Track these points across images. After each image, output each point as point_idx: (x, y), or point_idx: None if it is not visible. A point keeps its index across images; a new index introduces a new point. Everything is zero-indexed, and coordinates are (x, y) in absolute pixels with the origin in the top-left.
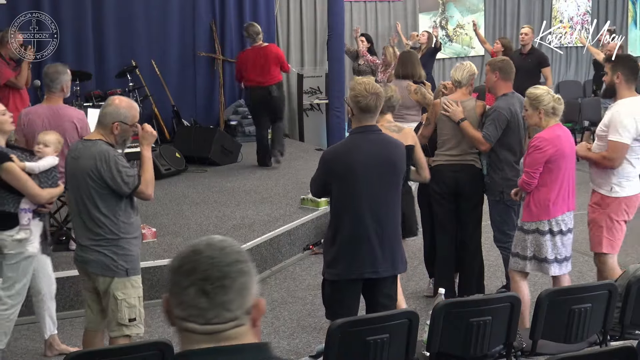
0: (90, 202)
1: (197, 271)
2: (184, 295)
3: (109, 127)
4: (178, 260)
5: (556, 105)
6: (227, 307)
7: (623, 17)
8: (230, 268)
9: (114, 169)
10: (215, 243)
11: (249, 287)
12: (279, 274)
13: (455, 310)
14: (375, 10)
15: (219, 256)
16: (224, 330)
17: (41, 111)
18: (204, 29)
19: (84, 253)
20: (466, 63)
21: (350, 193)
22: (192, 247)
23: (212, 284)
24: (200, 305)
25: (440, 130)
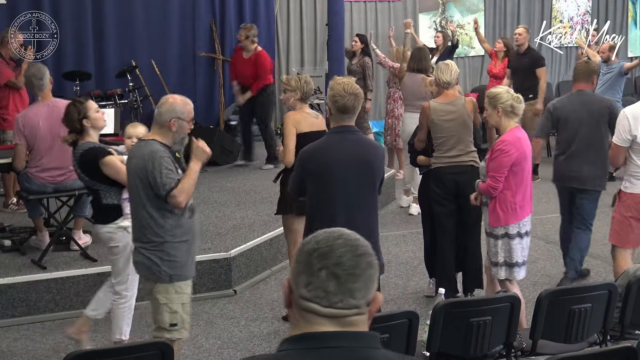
0: (139, 203)
1: (331, 256)
2: (314, 277)
3: (166, 125)
4: (313, 243)
5: (515, 104)
6: (353, 294)
7: (623, 17)
8: (361, 259)
9: (157, 169)
10: (348, 234)
11: (374, 280)
12: (279, 274)
13: (455, 310)
14: (375, 10)
15: (351, 246)
16: (346, 316)
17: (37, 109)
18: (204, 29)
19: (134, 255)
20: (449, 63)
21: (324, 192)
22: (327, 233)
23: (345, 270)
24: (328, 289)
25: (434, 132)
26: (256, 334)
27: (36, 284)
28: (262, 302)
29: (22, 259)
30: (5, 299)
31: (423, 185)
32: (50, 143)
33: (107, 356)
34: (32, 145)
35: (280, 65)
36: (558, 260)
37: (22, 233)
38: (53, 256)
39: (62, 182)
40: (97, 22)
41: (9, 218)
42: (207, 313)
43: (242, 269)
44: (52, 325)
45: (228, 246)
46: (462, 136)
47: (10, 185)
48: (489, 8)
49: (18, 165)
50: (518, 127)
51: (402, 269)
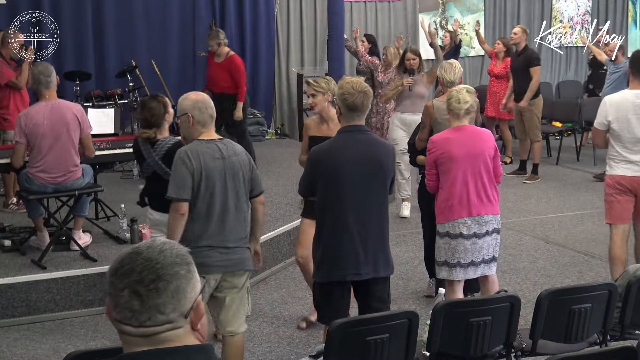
0: (244, 199)
1: (132, 273)
2: (119, 298)
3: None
4: (117, 262)
5: (454, 103)
6: (160, 309)
7: (623, 17)
8: (166, 270)
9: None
10: (155, 246)
11: (185, 290)
12: (279, 274)
13: (455, 310)
14: (375, 10)
15: (156, 258)
16: (159, 333)
17: (40, 109)
18: (204, 29)
19: (234, 255)
20: (453, 62)
21: (335, 192)
22: (133, 248)
23: (146, 286)
24: (134, 308)
25: (437, 131)
26: (256, 334)
27: (36, 284)
28: (262, 302)
29: (22, 259)
30: (5, 299)
31: (423, 185)
32: (51, 143)
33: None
34: (33, 144)
35: (280, 65)
36: (558, 260)
37: (22, 233)
38: (53, 256)
39: (62, 183)
40: (97, 22)
41: (9, 218)
42: (206, 313)
43: None
44: (52, 325)
45: None
46: None
47: (11, 185)
48: (489, 8)
49: (16, 164)
50: (459, 127)
51: (402, 269)
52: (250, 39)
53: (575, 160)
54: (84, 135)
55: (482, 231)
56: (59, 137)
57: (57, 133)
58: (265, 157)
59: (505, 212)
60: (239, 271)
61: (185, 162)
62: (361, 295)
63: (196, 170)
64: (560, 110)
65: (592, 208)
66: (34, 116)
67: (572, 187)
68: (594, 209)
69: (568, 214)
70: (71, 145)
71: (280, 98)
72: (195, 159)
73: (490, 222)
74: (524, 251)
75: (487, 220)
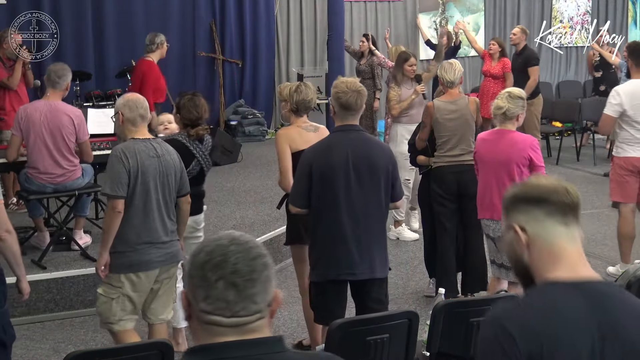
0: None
1: (226, 265)
2: (212, 289)
3: None
4: (205, 254)
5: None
6: (254, 299)
7: (623, 17)
8: (256, 262)
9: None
10: (237, 238)
11: (272, 279)
12: (279, 274)
13: (455, 310)
14: (375, 10)
15: (244, 250)
16: (250, 323)
17: (39, 106)
18: (204, 29)
19: (169, 248)
20: (453, 62)
21: (329, 192)
22: (216, 241)
23: (242, 277)
24: (228, 299)
25: (437, 131)
26: None
27: (36, 284)
28: None
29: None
30: None
31: (423, 185)
32: (45, 143)
33: (107, 356)
34: (27, 141)
35: (280, 65)
36: None
37: (22, 233)
38: (53, 256)
39: (62, 183)
40: (97, 22)
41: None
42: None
43: None
44: (52, 325)
45: None
46: (465, 135)
47: (10, 186)
48: (489, 8)
49: (9, 156)
50: (498, 130)
51: (402, 269)
52: (250, 39)
53: (576, 160)
54: (81, 142)
55: (493, 235)
56: (52, 138)
57: (52, 134)
58: (265, 157)
59: None
60: (176, 263)
61: (122, 159)
62: (358, 296)
63: (132, 167)
64: (560, 110)
65: (592, 208)
66: (31, 113)
67: None
68: (594, 209)
69: None
70: (65, 149)
71: None
72: (132, 157)
73: None
74: None
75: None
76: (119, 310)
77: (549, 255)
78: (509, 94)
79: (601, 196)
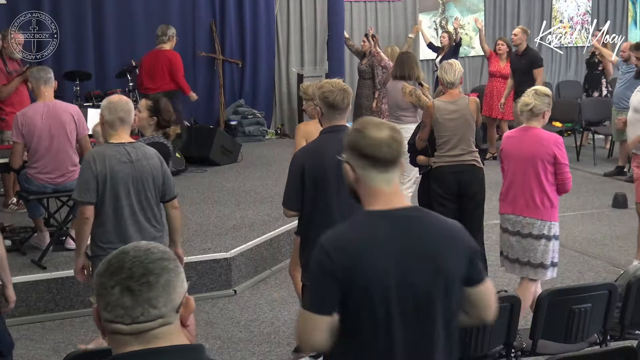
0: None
1: (122, 270)
2: (110, 296)
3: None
4: (104, 264)
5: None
6: (153, 303)
7: (623, 17)
8: (154, 265)
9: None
10: (141, 245)
11: (175, 284)
12: (279, 274)
13: None
14: (375, 10)
15: (142, 255)
16: (151, 329)
17: (38, 108)
18: (204, 29)
19: None
20: (453, 62)
21: (322, 194)
22: (119, 250)
23: (137, 280)
24: (125, 304)
25: (437, 132)
26: (256, 334)
27: (36, 284)
28: (262, 302)
29: (22, 259)
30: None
31: (423, 185)
32: (48, 144)
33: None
34: (29, 144)
35: (280, 65)
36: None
37: (22, 233)
38: (53, 256)
39: (62, 183)
40: (97, 22)
41: (9, 218)
42: (207, 313)
43: (242, 269)
44: (52, 325)
45: (228, 246)
46: (465, 135)
47: (10, 186)
48: (489, 8)
49: (14, 164)
50: (525, 128)
51: None
52: (250, 39)
53: (576, 160)
54: (81, 137)
55: (525, 232)
56: (55, 137)
57: (54, 134)
58: (265, 157)
59: None
60: None
61: (91, 165)
62: None
63: (100, 173)
64: (560, 110)
65: (592, 208)
66: (31, 117)
67: (573, 187)
68: (594, 209)
69: (568, 214)
70: (69, 146)
71: (280, 98)
72: (101, 162)
73: (534, 226)
74: None
75: (530, 222)
76: None
77: (369, 194)
78: (536, 91)
79: (601, 196)
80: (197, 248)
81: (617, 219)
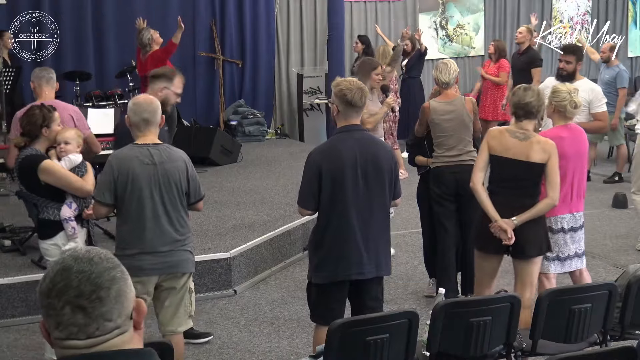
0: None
1: (69, 289)
2: (61, 317)
3: None
4: (47, 282)
5: (569, 107)
6: (107, 317)
7: (623, 17)
8: (102, 278)
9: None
10: (81, 256)
11: (125, 291)
12: (279, 274)
13: (455, 310)
14: (375, 10)
15: (88, 269)
16: (108, 340)
17: None
18: (204, 29)
19: (169, 257)
20: (448, 62)
21: (339, 194)
22: (59, 264)
23: (87, 298)
24: (78, 322)
25: (434, 132)
26: (256, 334)
27: (36, 284)
28: (262, 302)
29: (22, 259)
30: (5, 299)
31: (421, 185)
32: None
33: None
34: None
35: (280, 65)
36: None
37: (22, 233)
38: None
39: None
40: (97, 22)
41: (9, 218)
42: (207, 313)
43: (242, 269)
44: None
45: (228, 246)
46: (462, 135)
47: None
48: (489, 8)
49: (10, 163)
50: (566, 126)
51: (402, 269)
52: (250, 39)
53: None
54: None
55: (577, 225)
56: None
57: None
58: (265, 157)
59: None
60: (175, 273)
61: (112, 167)
62: (357, 294)
63: (121, 176)
64: None
65: (592, 208)
66: None
67: None
68: (593, 209)
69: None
70: None
71: (280, 98)
72: (122, 165)
73: (582, 217)
74: None
75: (580, 215)
76: None
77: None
78: (574, 90)
79: (601, 196)
80: (197, 248)
81: (617, 219)
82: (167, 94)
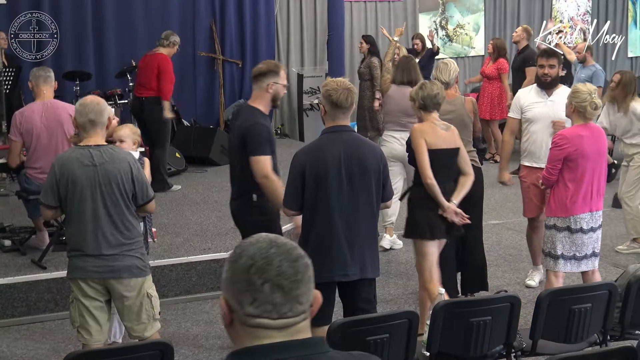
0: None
1: (270, 268)
2: (259, 293)
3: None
4: (247, 258)
5: (589, 108)
6: (299, 300)
7: (623, 17)
8: (299, 263)
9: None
10: (277, 240)
11: (313, 280)
12: None
13: (455, 310)
14: (375, 10)
15: (285, 252)
16: (296, 323)
17: (36, 107)
18: (204, 29)
19: (113, 262)
20: (448, 62)
21: (323, 194)
22: (254, 245)
23: (287, 278)
24: (275, 301)
25: None
26: None
27: (36, 284)
28: None
29: (22, 259)
30: (5, 299)
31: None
32: (47, 143)
33: (107, 356)
34: (28, 143)
35: None
36: None
37: (22, 233)
38: (53, 256)
39: None
40: (97, 22)
41: (9, 218)
42: (207, 313)
43: None
44: (52, 325)
45: (228, 246)
46: (461, 136)
47: None
48: (489, 8)
49: (11, 162)
50: (585, 125)
51: (402, 269)
52: (250, 39)
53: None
54: None
55: (597, 225)
56: (54, 137)
57: (52, 133)
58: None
59: (505, 212)
60: (120, 279)
61: (54, 169)
62: (347, 296)
63: (62, 177)
64: None
65: None
66: (29, 115)
67: None
68: None
69: None
70: (67, 146)
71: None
72: (63, 166)
73: (601, 216)
74: (524, 251)
75: (600, 214)
76: (77, 316)
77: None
78: (595, 90)
79: None
80: (197, 248)
81: (617, 219)
82: (276, 89)
